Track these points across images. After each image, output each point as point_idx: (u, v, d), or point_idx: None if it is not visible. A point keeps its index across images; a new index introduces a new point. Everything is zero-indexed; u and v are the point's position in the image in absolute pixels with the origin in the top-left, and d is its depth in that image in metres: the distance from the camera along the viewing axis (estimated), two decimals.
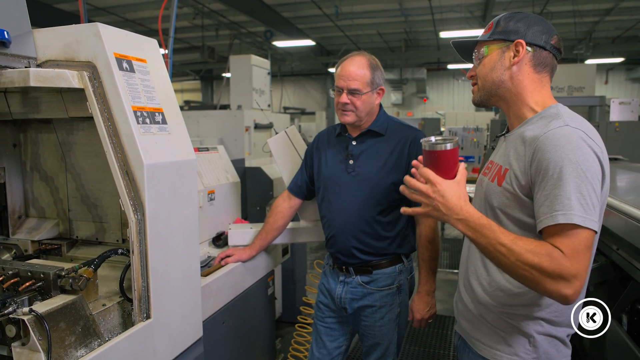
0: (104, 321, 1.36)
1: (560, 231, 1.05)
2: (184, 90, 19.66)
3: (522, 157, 1.17)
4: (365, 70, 1.83)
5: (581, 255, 1.03)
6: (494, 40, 1.29)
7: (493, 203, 1.26)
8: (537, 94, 1.26)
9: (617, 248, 2.12)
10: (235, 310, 2.10)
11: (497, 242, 1.07)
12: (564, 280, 1.02)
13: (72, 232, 1.75)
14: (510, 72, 1.26)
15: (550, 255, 1.03)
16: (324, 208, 1.99)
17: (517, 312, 1.24)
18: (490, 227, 1.10)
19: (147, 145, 1.37)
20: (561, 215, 1.04)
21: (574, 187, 1.04)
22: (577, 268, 1.02)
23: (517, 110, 1.29)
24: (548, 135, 1.11)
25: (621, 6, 9.98)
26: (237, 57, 6.82)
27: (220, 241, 2.39)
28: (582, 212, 1.03)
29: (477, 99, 1.37)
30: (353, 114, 1.85)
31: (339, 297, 1.98)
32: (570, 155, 1.06)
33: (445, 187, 1.14)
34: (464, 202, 1.13)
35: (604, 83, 15.66)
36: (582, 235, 1.03)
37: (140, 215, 1.35)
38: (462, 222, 1.12)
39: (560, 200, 1.05)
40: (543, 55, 1.25)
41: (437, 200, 1.14)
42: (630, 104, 5.20)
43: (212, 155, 2.56)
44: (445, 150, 1.15)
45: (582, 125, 1.13)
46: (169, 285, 1.46)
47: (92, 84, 1.35)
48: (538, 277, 1.04)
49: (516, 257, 1.05)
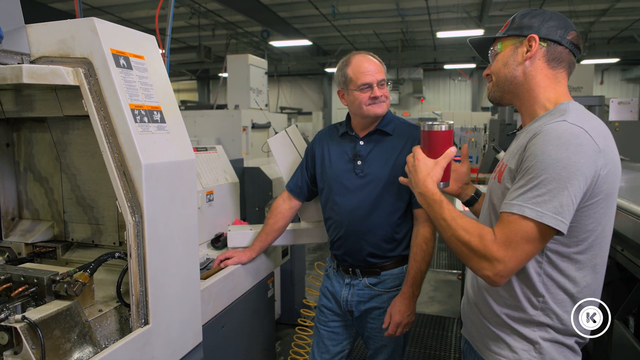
0: (100, 327, 1.31)
1: (507, 218, 1.09)
2: (180, 90, 19.57)
3: (517, 152, 1.16)
4: (380, 62, 1.86)
5: (513, 244, 1.06)
6: (508, 37, 1.27)
7: (493, 200, 1.24)
8: (550, 90, 1.22)
9: (621, 249, 2.09)
10: (235, 314, 2.06)
11: (441, 216, 1.19)
12: (487, 261, 1.08)
13: (67, 235, 1.70)
14: (523, 67, 1.23)
15: (481, 236, 1.11)
16: (330, 209, 1.94)
17: (523, 318, 1.20)
18: (440, 204, 1.21)
19: (145, 145, 1.33)
20: (517, 206, 1.07)
21: (544, 184, 1.04)
22: (504, 254, 1.07)
23: (529, 107, 1.26)
24: (542, 129, 1.09)
25: (616, 7, 10.02)
26: (234, 56, 6.78)
27: (219, 243, 2.34)
28: (541, 208, 1.04)
29: (491, 96, 1.35)
30: (384, 104, 1.84)
31: (344, 300, 1.94)
32: (551, 150, 1.05)
33: (421, 163, 1.28)
34: (429, 178, 1.25)
35: (600, 83, 15.71)
36: (526, 227, 1.05)
37: (138, 218, 1.30)
38: (421, 196, 1.26)
39: (524, 193, 1.07)
40: (558, 50, 1.21)
41: (412, 173, 1.30)
42: (629, 103, 5.20)
43: (210, 155, 2.52)
44: (437, 131, 1.26)
45: (586, 122, 1.09)
46: (167, 289, 1.41)
47: (88, 81, 1.30)
48: (467, 254, 1.13)
49: (452, 232, 1.16)
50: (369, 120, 1.86)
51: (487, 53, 1.36)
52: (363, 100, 1.80)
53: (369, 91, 1.79)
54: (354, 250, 1.87)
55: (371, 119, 1.86)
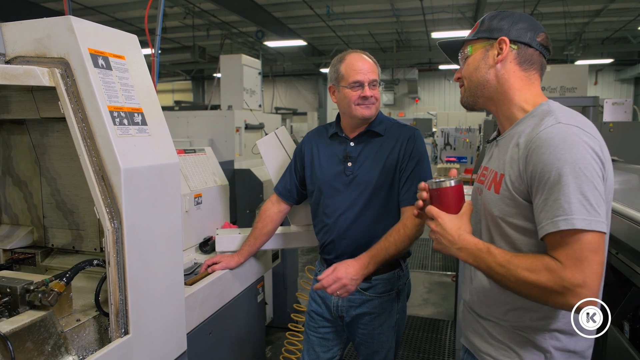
0: (78, 338, 1.27)
1: (562, 238, 0.99)
2: (175, 90, 19.46)
3: (516, 160, 1.11)
4: (374, 63, 1.82)
5: (585, 261, 0.97)
6: (478, 39, 1.25)
7: (493, 212, 1.18)
8: (525, 91, 1.20)
9: (616, 252, 2.06)
10: (222, 320, 2.01)
11: (495, 264, 1.07)
12: (570, 292, 0.97)
13: (47, 240, 1.64)
14: (495, 70, 1.21)
15: (548, 269, 1.00)
16: (320, 213, 1.90)
17: (532, 325, 1.16)
18: (488, 251, 1.09)
19: (125, 148, 1.28)
20: (562, 221, 0.98)
21: (573, 189, 0.98)
22: (582, 276, 0.96)
23: (506, 111, 1.23)
24: (541, 136, 1.05)
25: (610, 7, 10.03)
26: (227, 56, 6.71)
27: (208, 247, 2.29)
28: (586, 215, 0.97)
29: (464, 101, 1.32)
30: (374, 106, 1.80)
31: (335, 306, 1.89)
32: (565, 155, 1.00)
33: (446, 221, 1.17)
34: (463, 231, 1.15)
35: (594, 84, 15.76)
36: (586, 240, 0.97)
37: (117, 224, 1.25)
38: (462, 251, 1.14)
39: (560, 205, 0.99)
40: (529, 52, 1.20)
41: (439, 233, 1.18)
42: (623, 104, 5.18)
43: (199, 157, 2.47)
44: (448, 187, 1.21)
45: (576, 119, 1.07)
46: (149, 297, 1.36)
47: (65, 81, 1.25)
48: (542, 294, 1.01)
49: (515, 277, 1.03)
50: (358, 122, 1.82)
51: (458, 56, 1.33)
52: (352, 99, 1.76)
53: (359, 90, 1.75)
54: (346, 255, 1.82)
55: (359, 121, 1.81)
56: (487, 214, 1.22)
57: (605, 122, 4.74)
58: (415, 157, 1.80)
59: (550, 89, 5.56)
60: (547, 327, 1.14)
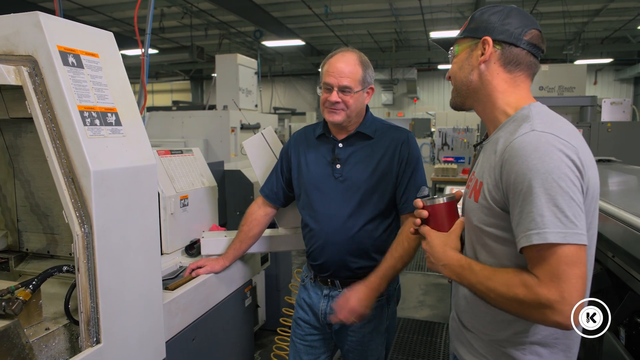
0: (46, 348, 1.21)
1: (538, 253, 0.95)
2: (173, 90, 19.42)
3: (492, 169, 1.07)
4: (356, 67, 1.70)
5: (562, 276, 0.92)
6: (464, 38, 1.21)
7: (473, 221, 1.15)
8: (509, 95, 1.15)
9: (612, 255, 2.01)
10: (207, 325, 1.96)
11: (477, 281, 1.05)
12: (548, 308, 0.93)
13: (21, 245, 1.59)
14: (479, 71, 1.16)
15: (524, 284, 0.97)
16: (307, 217, 1.84)
17: (511, 339, 1.11)
18: (469, 268, 1.08)
19: (96, 150, 1.23)
20: (535, 235, 0.94)
21: (546, 201, 0.94)
22: (558, 292, 0.92)
23: (489, 114, 1.19)
24: (513, 145, 1.01)
25: (610, 7, 9.98)
26: (223, 56, 6.66)
27: (194, 250, 2.24)
28: (561, 228, 0.93)
29: (452, 102, 1.28)
30: (344, 112, 1.71)
31: (323, 313, 1.83)
32: (537, 165, 0.96)
33: (434, 238, 1.19)
34: (448, 248, 1.15)
35: (593, 83, 15.70)
36: (562, 254, 0.93)
37: (88, 228, 1.20)
38: (446, 267, 1.14)
39: (533, 218, 0.95)
40: (514, 52, 1.13)
41: (428, 251, 1.20)
42: (622, 104, 5.12)
43: (185, 158, 2.41)
44: (440, 204, 1.22)
45: (552, 126, 1.01)
46: (123, 305, 1.31)
47: (33, 80, 1.20)
48: (521, 310, 0.98)
49: (495, 293, 1.02)
50: (331, 125, 1.79)
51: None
52: (322, 100, 1.73)
53: (328, 93, 1.70)
54: (334, 261, 1.77)
55: (331, 124, 1.78)
56: (468, 222, 1.19)
57: (604, 122, 4.68)
58: (412, 162, 1.76)
59: (548, 89, 5.51)
60: (526, 340, 1.09)
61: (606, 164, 3.56)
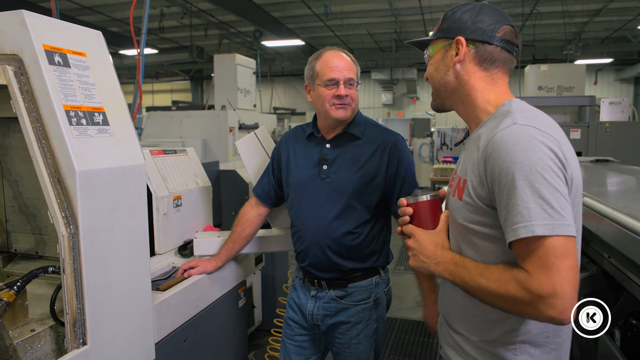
0: (31, 349, 1.20)
1: (527, 246, 0.94)
2: (173, 90, 19.41)
3: (476, 165, 1.06)
4: (351, 61, 1.73)
5: (553, 268, 0.90)
6: (438, 39, 1.20)
7: (457, 219, 1.13)
8: (488, 92, 1.14)
9: (608, 256, 1.99)
10: (199, 326, 1.94)
11: (470, 278, 1.04)
12: (541, 303, 0.91)
13: (10, 245, 1.58)
14: (455, 71, 1.16)
15: (516, 279, 0.95)
16: (294, 217, 1.83)
17: (501, 339, 1.09)
18: (463, 265, 1.07)
19: (81, 150, 1.22)
20: (522, 228, 0.93)
21: (531, 193, 0.93)
22: (550, 285, 0.90)
23: (470, 113, 1.18)
24: (495, 139, 1.00)
25: (610, 7, 9.95)
26: (221, 56, 6.66)
27: (187, 250, 2.23)
28: (547, 219, 0.91)
29: (433, 104, 1.27)
30: (350, 107, 1.71)
31: (310, 314, 1.82)
32: (520, 157, 0.95)
33: (423, 237, 1.17)
34: (440, 247, 1.15)
35: (593, 84, 15.66)
36: (551, 245, 0.91)
37: (74, 229, 1.19)
38: (440, 265, 1.13)
39: (519, 211, 0.94)
40: (488, 50, 1.13)
41: (417, 249, 1.17)
42: (620, 104, 5.10)
43: (179, 159, 2.40)
44: (424, 201, 1.21)
45: (534, 120, 1.01)
46: (109, 306, 1.30)
47: (18, 79, 1.19)
48: (514, 306, 0.96)
49: (488, 290, 1.00)
50: (333, 123, 1.75)
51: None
52: (327, 98, 1.69)
53: (334, 88, 1.68)
54: (320, 263, 1.75)
55: (334, 122, 1.74)
56: (452, 221, 1.17)
57: (602, 122, 4.66)
58: (404, 165, 1.75)
59: (547, 89, 5.48)
60: (517, 339, 1.07)
61: (604, 164, 3.54)
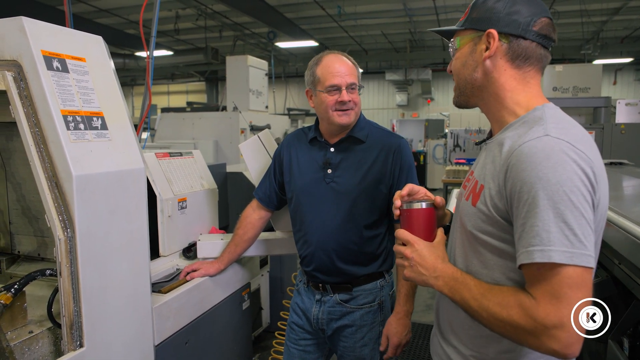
0: (29, 351, 1.22)
1: (539, 271, 0.86)
2: (189, 91, 19.61)
3: (497, 173, 0.97)
4: (352, 65, 1.71)
5: (563, 299, 0.83)
6: (466, 30, 1.09)
7: (466, 225, 1.05)
8: (519, 93, 1.03)
9: (618, 262, 1.94)
10: (202, 329, 1.95)
11: (471, 297, 0.96)
12: (545, 333, 0.84)
13: (13, 247, 1.61)
14: (484, 68, 1.05)
15: (521, 305, 0.87)
16: (298, 222, 1.82)
17: (496, 358, 1.04)
18: (464, 282, 0.99)
19: (79, 154, 1.23)
20: (538, 252, 0.85)
21: (554, 216, 0.84)
22: (557, 316, 0.83)
23: (496, 113, 1.08)
24: (523, 149, 0.91)
25: (630, 5, 9.72)
26: (233, 57, 6.71)
27: (192, 252, 2.24)
28: (568, 247, 0.83)
29: (456, 101, 1.17)
30: (353, 112, 1.69)
31: (315, 318, 1.81)
32: (548, 174, 0.85)
33: (423, 247, 1.07)
34: (441, 260, 1.06)
35: (612, 84, 15.31)
36: (566, 274, 0.83)
37: (71, 233, 1.21)
38: (439, 279, 1.03)
39: (537, 233, 0.85)
40: (523, 45, 1.01)
41: (415, 259, 1.07)
42: (637, 105, 4.96)
43: (185, 161, 2.42)
44: (419, 209, 1.14)
45: (568, 133, 0.91)
46: (106, 309, 1.31)
47: (17, 85, 1.21)
48: (515, 333, 0.89)
49: (488, 313, 0.92)
50: (336, 128, 1.73)
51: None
52: (329, 104, 1.67)
53: (336, 94, 1.66)
54: (325, 267, 1.74)
55: (337, 127, 1.73)
56: (461, 226, 1.09)
57: (617, 123, 4.54)
58: (406, 170, 1.73)
59: (562, 89, 5.37)
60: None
61: (618, 167, 3.46)
